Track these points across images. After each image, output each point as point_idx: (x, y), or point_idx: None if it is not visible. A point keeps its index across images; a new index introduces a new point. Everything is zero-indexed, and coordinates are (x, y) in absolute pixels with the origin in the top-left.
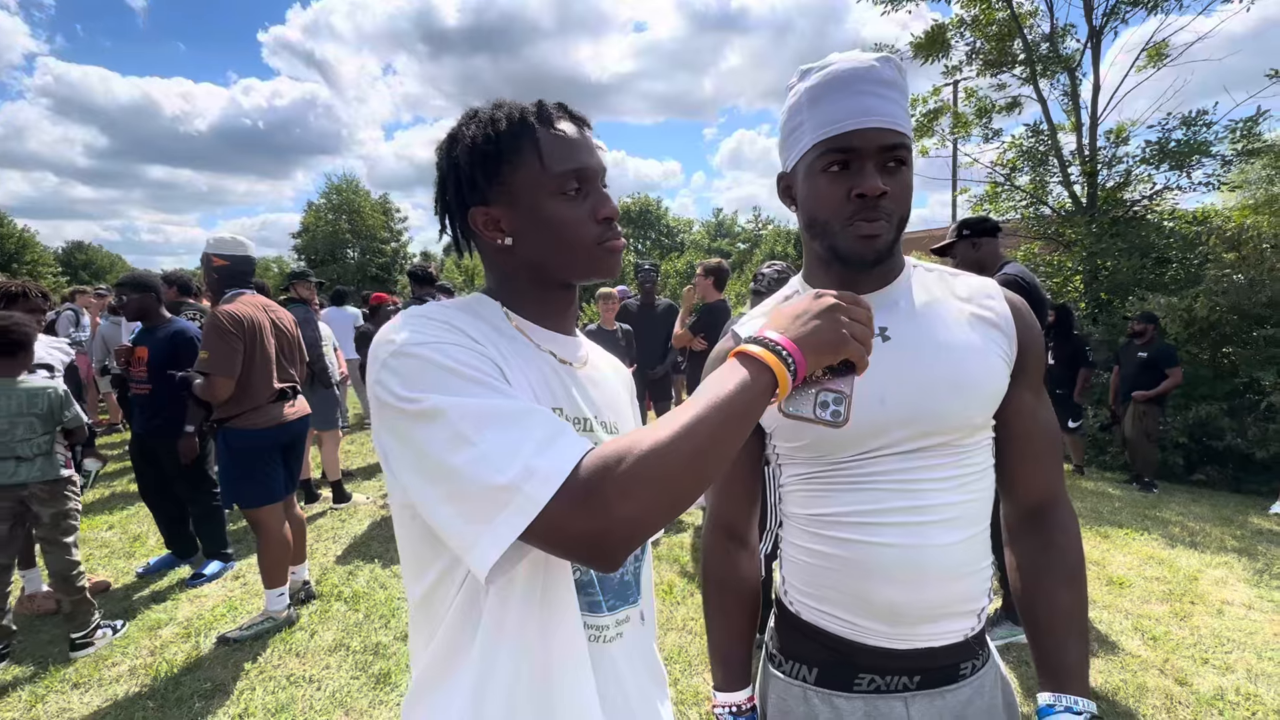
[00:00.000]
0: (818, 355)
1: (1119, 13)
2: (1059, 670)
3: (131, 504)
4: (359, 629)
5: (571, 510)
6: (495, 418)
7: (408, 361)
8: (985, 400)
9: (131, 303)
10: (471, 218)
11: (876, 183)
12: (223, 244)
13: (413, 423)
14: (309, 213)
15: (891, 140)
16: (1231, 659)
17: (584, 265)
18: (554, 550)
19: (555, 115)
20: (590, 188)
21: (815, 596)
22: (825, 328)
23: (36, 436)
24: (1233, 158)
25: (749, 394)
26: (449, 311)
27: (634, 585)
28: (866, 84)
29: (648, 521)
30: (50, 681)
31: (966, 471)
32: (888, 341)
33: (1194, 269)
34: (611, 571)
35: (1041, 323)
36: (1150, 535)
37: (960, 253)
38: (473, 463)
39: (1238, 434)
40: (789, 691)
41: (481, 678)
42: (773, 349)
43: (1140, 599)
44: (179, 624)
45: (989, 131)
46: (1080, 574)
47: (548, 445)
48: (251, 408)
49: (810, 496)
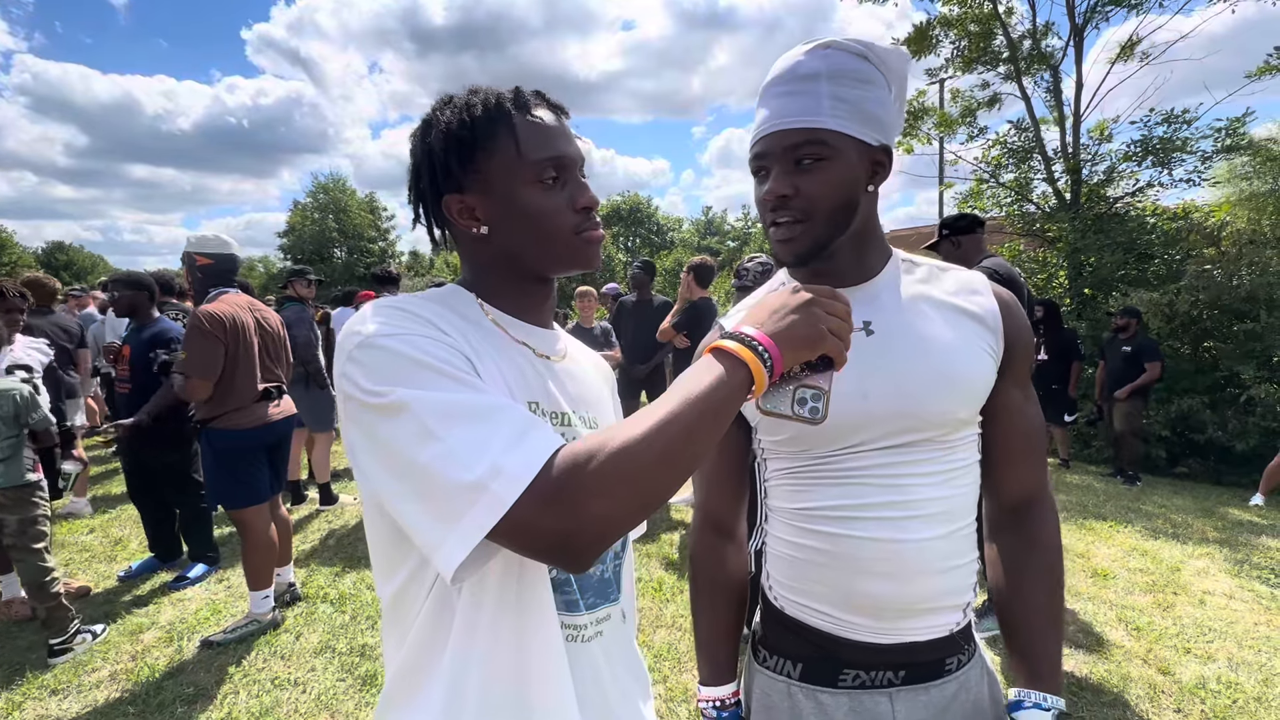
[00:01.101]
0: (795, 351)
1: (1101, 11)
2: (1030, 666)
3: (113, 507)
4: (345, 631)
5: (540, 510)
6: (463, 413)
7: (374, 354)
8: (970, 396)
9: (123, 299)
10: (446, 205)
11: (774, 186)
12: (206, 242)
13: (378, 417)
14: (295, 212)
15: (796, 140)
16: (1213, 648)
17: (562, 256)
18: (522, 551)
19: (532, 102)
20: (568, 176)
21: (799, 591)
22: (802, 323)
23: (2, 440)
24: (1213, 154)
25: (724, 390)
26: (420, 303)
27: (614, 583)
28: (782, 84)
29: (618, 521)
30: (28, 688)
31: (951, 467)
32: (871, 335)
33: (1175, 265)
34: (580, 572)
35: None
36: (1133, 527)
37: (944, 251)
38: (439, 459)
39: (1218, 427)
40: (773, 687)
41: (455, 681)
42: (749, 344)
43: (1124, 590)
44: (161, 628)
45: (974, 130)
46: (1058, 572)
47: (517, 442)
48: (236, 408)
49: (794, 491)
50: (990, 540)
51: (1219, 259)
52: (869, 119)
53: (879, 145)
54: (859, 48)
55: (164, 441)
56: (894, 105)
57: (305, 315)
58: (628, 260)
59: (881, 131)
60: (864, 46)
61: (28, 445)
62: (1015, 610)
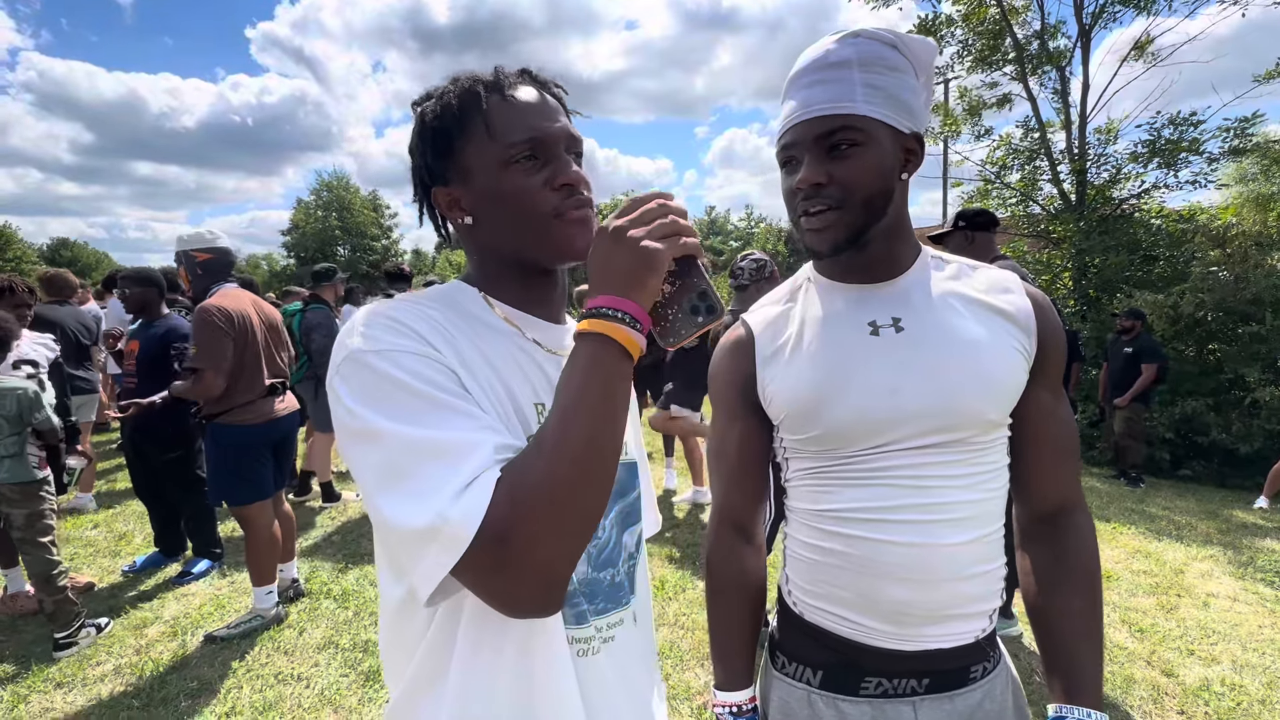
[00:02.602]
0: (639, 285)
1: (1109, 11)
2: (1071, 681)
3: (117, 503)
4: (348, 626)
5: (487, 566)
6: (429, 453)
7: (360, 371)
8: (1002, 396)
9: (134, 296)
10: (435, 198)
11: (807, 174)
12: (201, 239)
13: (354, 441)
14: (299, 210)
15: (827, 127)
16: (1217, 650)
17: (544, 241)
18: (486, 601)
19: (509, 82)
20: (549, 155)
21: (819, 595)
22: (625, 256)
23: (4, 438)
24: (1220, 156)
25: (602, 372)
26: (417, 310)
27: (626, 586)
28: (812, 73)
29: (561, 560)
30: (33, 681)
31: (980, 470)
32: (901, 333)
33: (1180, 266)
34: (549, 615)
35: None
36: (1137, 529)
37: (954, 244)
38: (396, 502)
39: (1223, 429)
40: (792, 694)
41: (459, 702)
42: (599, 315)
43: (1127, 591)
44: (165, 622)
45: (980, 129)
46: (1096, 583)
47: (463, 491)
48: (242, 403)
49: (817, 491)
50: (1023, 550)
51: (1225, 261)
52: (901, 105)
53: (911, 133)
54: (889, 36)
55: (167, 439)
56: (923, 94)
57: (329, 319)
58: None
59: (912, 119)
60: (893, 35)
61: (33, 442)
62: (1053, 623)
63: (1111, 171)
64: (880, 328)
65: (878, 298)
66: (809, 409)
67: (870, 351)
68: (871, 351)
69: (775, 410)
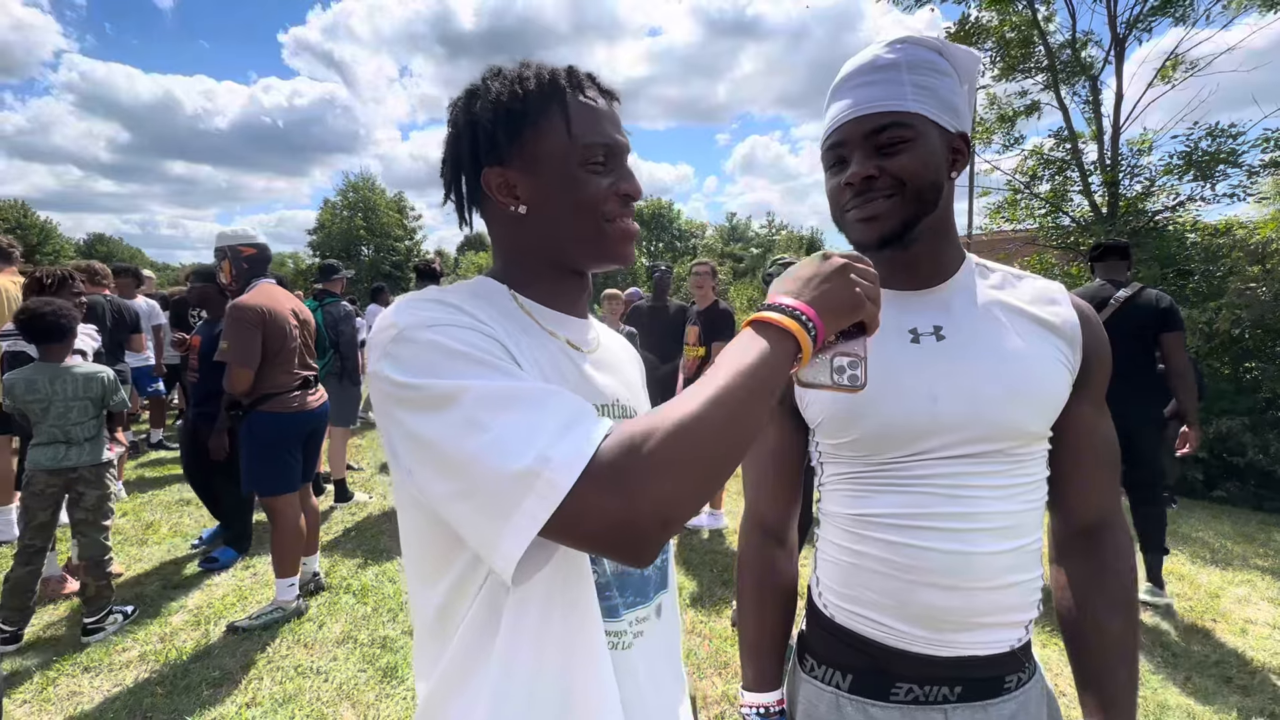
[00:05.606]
0: (835, 318)
1: (1144, 21)
2: (1106, 698)
3: (145, 491)
4: (367, 622)
5: (597, 496)
6: (509, 400)
7: (410, 347)
8: (1044, 408)
9: (194, 290)
10: (485, 179)
11: (857, 169)
12: (245, 235)
13: (419, 412)
14: (325, 210)
15: (875, 124)
16: (1256, 680)
17: (595, 244)
18: (581, 543)
19: (586, 83)
20: (615, 164)
21: (851, 599)
22: (839, 289)
23: (89, 420)
24: (1260, 169)
25: (772, 361)
26: (451, 294)
27: (655, 579)
28: (861, 75)
29: (680, 503)
30: (62, 665)
31: (1020, 481)
32: (942, 341)
33: (1216, 281)
34: (643, 565)
35: None
36: (1171, 551)
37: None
38: (486, 450)
39: (1260, 450)
40: (821, 697)
41: (500, 688)
42: (791, 314)
43: (1161, 615)
44: (189, 611)
45: (1010, 138)
46: (1133, 601)
47: (568, 428)
48: (279, 392)
49: (852, 496)
50: (1057, 563)
51: (1264, 277)
52: (947, 106)
53: (957, 132)
54: (935, 43)
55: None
56: (967, 99)
57: (350, 312)
58: (650, 264)
59: (958, 120)
60: (939, 42)
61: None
62: (1087, 639)
63: (1145, 183)
64: (921, 335)
65: (920, 305)
66: (847, 414)
67: (910, 359)
68: (912, 359)
69: (813, 414)
